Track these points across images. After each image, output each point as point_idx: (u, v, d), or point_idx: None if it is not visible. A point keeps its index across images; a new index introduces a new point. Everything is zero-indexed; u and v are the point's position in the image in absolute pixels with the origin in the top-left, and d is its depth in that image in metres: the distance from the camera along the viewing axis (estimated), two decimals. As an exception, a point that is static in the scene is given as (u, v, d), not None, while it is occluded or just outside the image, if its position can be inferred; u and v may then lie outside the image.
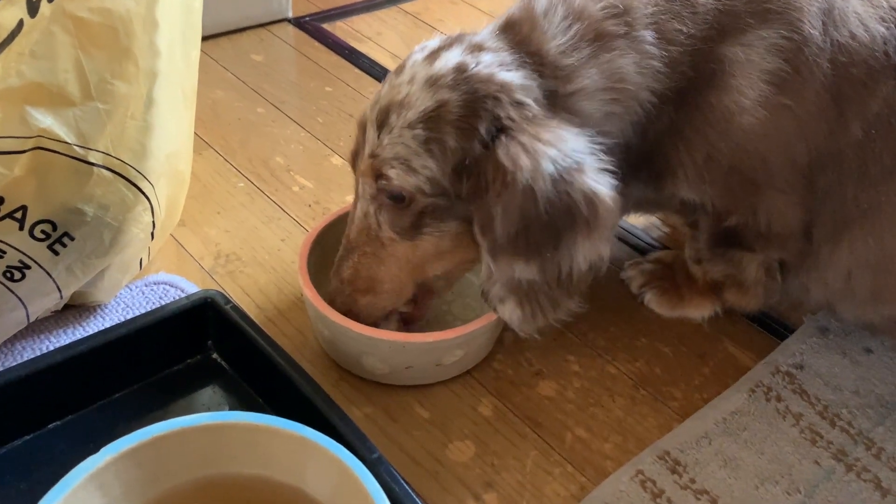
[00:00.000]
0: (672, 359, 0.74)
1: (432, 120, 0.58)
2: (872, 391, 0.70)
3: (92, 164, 0.57)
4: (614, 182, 0.58)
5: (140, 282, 0.75)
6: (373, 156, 0.60)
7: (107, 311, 0.72)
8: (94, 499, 0.49)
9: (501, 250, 0.58)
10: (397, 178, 0.59)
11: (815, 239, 0.67)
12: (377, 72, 1.13)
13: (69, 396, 0.60)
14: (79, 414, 0.61)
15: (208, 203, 0.87)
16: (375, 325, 0.66)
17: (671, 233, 0.88)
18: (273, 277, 0.79)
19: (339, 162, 0.96)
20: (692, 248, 0.74)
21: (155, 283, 0.75)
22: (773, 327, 0.77)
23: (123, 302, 0.73)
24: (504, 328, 0.73)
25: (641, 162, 0.64)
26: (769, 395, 0.69)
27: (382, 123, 0.60)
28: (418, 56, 0.61)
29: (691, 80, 0.61)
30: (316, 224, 0.74)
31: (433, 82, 0.58)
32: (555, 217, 0.56)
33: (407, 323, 0.69)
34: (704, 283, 0.75)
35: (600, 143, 0.59)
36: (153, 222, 0.67)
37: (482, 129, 0.57)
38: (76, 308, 0.71)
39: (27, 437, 0.59)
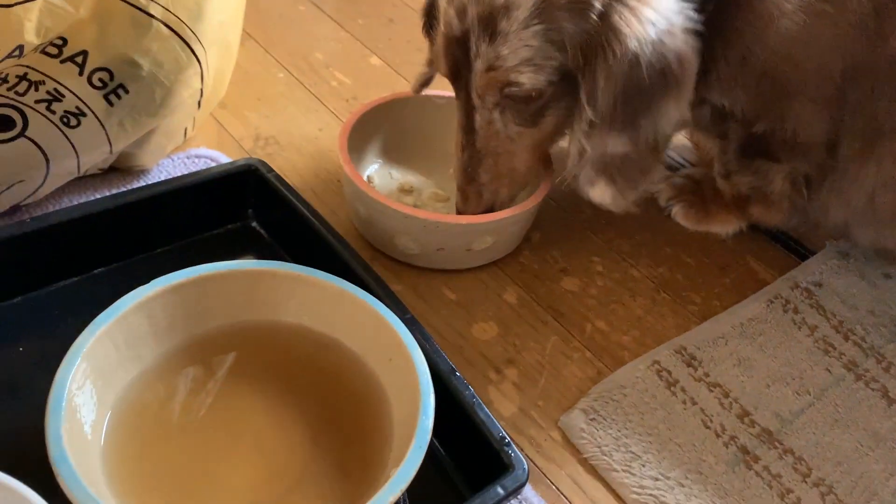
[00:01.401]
0: (694, 268, 0.75)
1: (545, 10, 0.57)
2: (887, 312, 0.72)
3: (152, 15, 0.59)
4: (697, 43, 0.59)
5: (182, 154, 0.76)
6: (493, 68, 0.59)
7: (149, 177, 0.74)
8: (143, 326, 0.52)
9: (601, 122, 0.59)
10: (529, 80, 0.59)
11: (842, 156, 0.68)
12: (419, -19, 1.13)
13: (115, 245, 0.63)
14: (123, 263, 0.63)
15: (249, 89, 0.89)
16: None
17: (702, 155, 0.89)
18: (309, 162, 0.81)
19: (378, 62, 0.96)
20: (720, 161, 0.75)
21: (196, 157, 0.77)
22: (795, 248, 0.79)
23: (166, 170, 0.75)
24: (532, 228, 0.74)
25: None
26: (787, 306, 0.71)
27: (492, 33, 0.58)
28: None
29: None
30: (354, 111, 0.75)
31: None
32: (652, 81, 0.57)
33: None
34: (731, 199, 0.76)
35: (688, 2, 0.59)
36: (201, 90, 0.68)
37: (597, 2, 0.56)
38: (121, 171, 0.73)
39: (76, 279, 0.61)
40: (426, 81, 0.75)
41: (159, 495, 0.47)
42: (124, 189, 0.72)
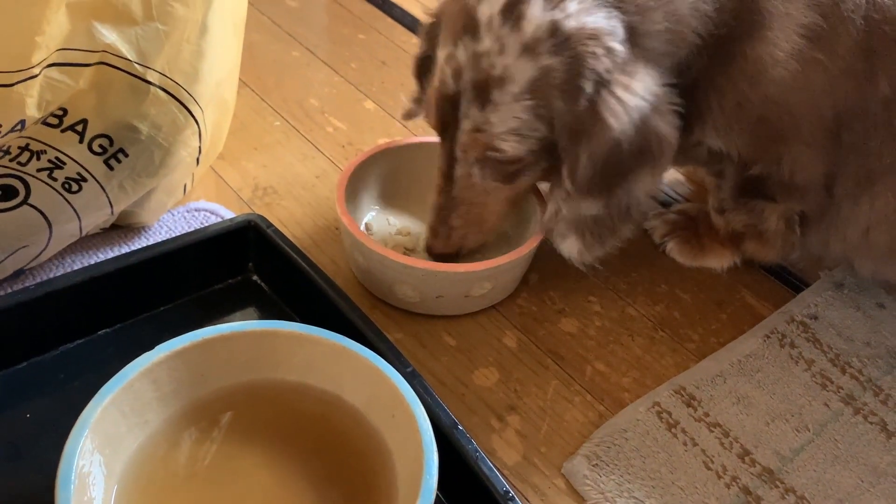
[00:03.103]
0: (690, 304, 0.76)
1: (539, 88, 0.59)
2: (883, 343, 0.73)
3: (149, 82, 0.60)
4: (678, 122, 0.63)
5: (182, 208, 0.78)
6: (479, 130, 0.62)
7: (150, 233, 0.75)
8: (148, 392, 0.52)
9: (578, 191, 0.63)
10: (512, 149, 0.62)
11: (837, 194, 0.69)
12: (409, 21, 1.14)
13: (118, 306, 0.64)
14: (127, 323, 0.64)
15: (246, 139, 0.90)
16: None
17: (695, 189, 0.90)
18: (308, 211, 0.82)
19: (372, 106, 0.98)
20: (716, 198, 0.76)
21: (196, 210, 0.78)
22: (789, 280, 0.79)
23: (166, 225, 0.76)
24: (529, 269, 0.75)
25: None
26: (783, 341, 0.72)
27: (484, 100, 0.60)
28: (490, 12, 0.59)
29: (731, 28, 0.63)
30: (351, 161, 0.76)
31: (530, 49, 0.58)
32: (631, 157, 0.61)
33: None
34: (726, 234, 0.77)
35: (668, 84, 0.62)
36: (199, 147, 0.70)
37: (588, 88, 0.59)
38: (122, 228, 0.74)
39: (80, 341, 0.62)
40: (411, 115, 0.77)
41: (169, 561, 0.48)
42: (126, 247, 0.73)
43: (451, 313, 0.72)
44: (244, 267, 0.70)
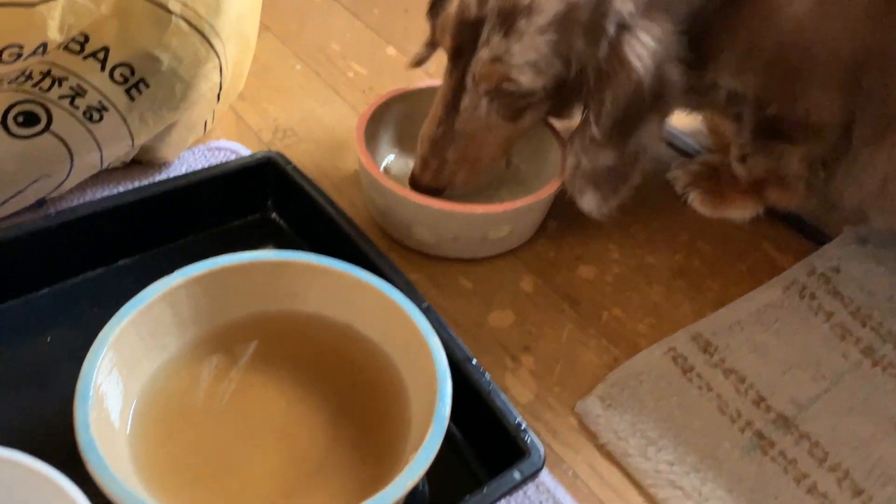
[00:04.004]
0: (710, 255, 0.76)
1: (563, 24, 0.59)
2: (906, 298, 0.72)
3: (171, 11, 0.60)
4: (684, 69, 0.63)
5: (203, 146, 0.78)
6: (498, 59, 0.61)
7: (170, 170, 0.75)
8: (167, 316, 0.53)
9: (602, 137, 0.63)
10: (528, 82, 0.62)
11: (856, 139, 0.68)
12: (434, -30, 1.13)
13: (138, 237, 0.64)
14: (146, 254, 0.65)
15: (267, 82, 0.90)
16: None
17: (717, 141, 0.88)
18: (327, 153, 0.82)
19: (394, 53, 0.97)
20: (736, 145, 0.75)
21: (217, 149, 0.78)
22: (812, 234, 0.78)
23: (186, 163, 0.76)
24: (548, 216, 0.75)
25: (689, 47, 0.65)
26: (803, 292, 0.71)
27: (508, 28, 0.60)
28: None
29: None
30: (371, 103, 0.76)
31: None
32: (648, 103, 0.61)
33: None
34: (748, 184, 0.76)
35: (680, 31, 0.61)
36: (220, 83, 0.69)
37: (611, 30, 0.59)
38: (142, 164, 0.74)
39: (100, 270, 0.63)
40: (421, 61, 0.78)
41: (184, 481, 0.49)
42: (146, 182, 0.73)
43: (467, 256, 0.71)
44: (263, 204, 0.70)
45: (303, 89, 0.90)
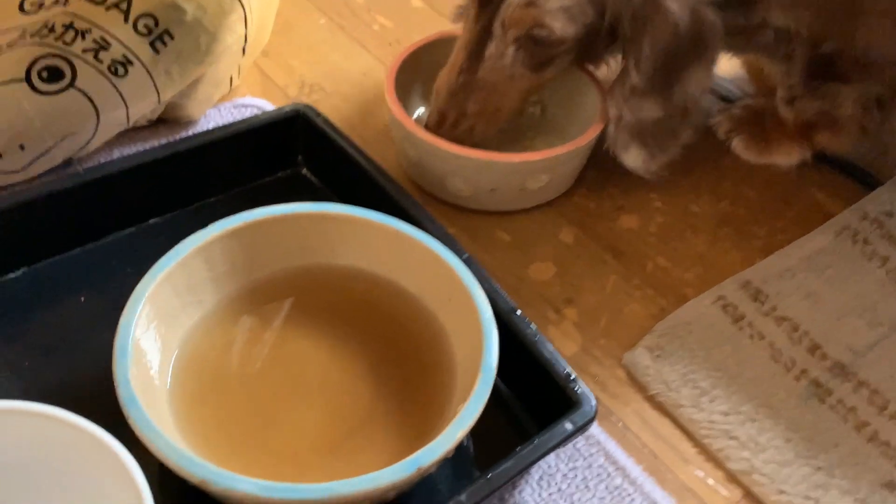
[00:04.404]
0: (756, 202, 0.73)
1: None
2: (964, 240, 0.69)
3: (193, -43, 0.57)
4: (726, 9, 0.61)
5: (229, 103, 0.76)
6: (532, 4, 0.59)
7: (197, 127, 0.73)
8: (202, 271, 0.52)
9: (643, 84, 0.60)
10: (560, 28, 0.60)
11: None
12: (458, -80, 1.09)
13: (169, 194, 0.63)
14: (177, 212, 0.63)
15: (291, 38, 0.87)
16: None
17: (759, 85, 0.85)
18: (355, 108, 0.80)
19: (420, 4, 0.94)
20: (784, 87, 0.71)
21: (243, 105, 0.76)
22: (863, 178, 0.75)
23: (213, 120, 0.74)
24: (586, 166, 0.72)
25: None
26: (856, 237, 0.68)
27: None
28: None
29: None
30: (399, 52, 0.73)
31: None
32: (687, 49, 0.59)
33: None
34: (795, 127, 0.73)
35: None
36: (245, 35, 0.67)
37: None
38: (169, 122, 0.72)
39: (131, 229, 0.62)
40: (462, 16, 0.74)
41: (224, 437, 0.48)
42: (172, 139, 0.71)
43: (504, 208, 0.69)
44: (293, 160, 0.68)
45: (328, 44, 0.87)
